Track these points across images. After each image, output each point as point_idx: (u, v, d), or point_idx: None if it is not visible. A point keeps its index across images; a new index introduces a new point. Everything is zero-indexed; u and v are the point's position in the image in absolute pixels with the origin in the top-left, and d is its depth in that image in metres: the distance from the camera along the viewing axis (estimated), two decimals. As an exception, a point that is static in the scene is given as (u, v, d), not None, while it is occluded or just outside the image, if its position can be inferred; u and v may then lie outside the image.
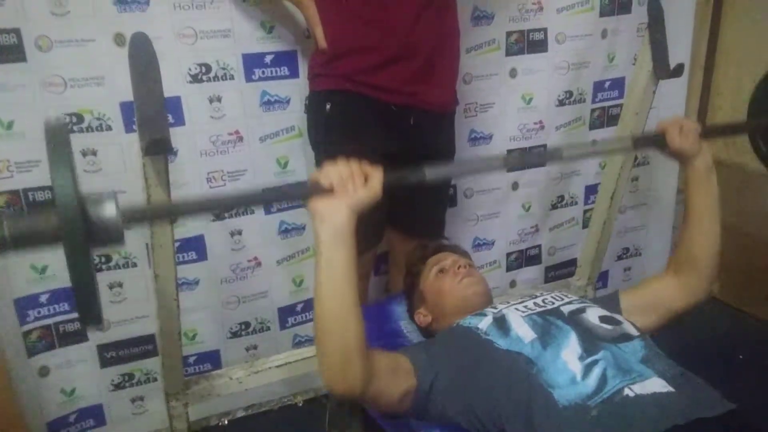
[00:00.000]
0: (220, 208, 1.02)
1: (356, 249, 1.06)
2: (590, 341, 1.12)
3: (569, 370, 1.07)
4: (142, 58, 1.13)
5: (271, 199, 1.04)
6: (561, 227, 2.44)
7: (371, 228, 1.76)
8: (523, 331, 1.17)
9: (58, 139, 0.78)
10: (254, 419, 2.07)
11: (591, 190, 2.41)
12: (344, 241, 1.03)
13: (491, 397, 1.10)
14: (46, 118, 0.81)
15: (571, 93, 2.23)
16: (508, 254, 2.38)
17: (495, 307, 1.29)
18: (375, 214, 1.72)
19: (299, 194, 1.04)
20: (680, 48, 2.23)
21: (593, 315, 1.21)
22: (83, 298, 0.80)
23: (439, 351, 1.21)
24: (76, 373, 1.83)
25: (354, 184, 1.03)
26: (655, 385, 1.03)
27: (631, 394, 1.00)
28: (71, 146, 0.80)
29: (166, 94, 1.15)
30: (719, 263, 1.32)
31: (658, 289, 1.36)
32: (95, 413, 1.90)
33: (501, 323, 1.20)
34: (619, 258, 2.62)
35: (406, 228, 1.84)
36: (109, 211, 0.82)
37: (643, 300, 1.34)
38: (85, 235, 0.78)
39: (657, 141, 1.35)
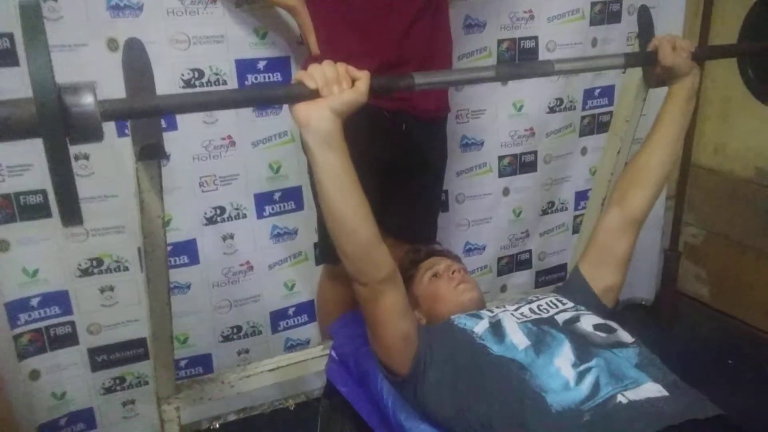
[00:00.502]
0: (203, 107, 0.99)
1: (346, 154, 1.04)
2: (584, 349, 1.13)
3: (562, 376, 1.07)
4: (136, 64, 1.13)
5: (254, 99, 1.00)
6: (551, 232, 2.46)
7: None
8: (517, 338, 1.17)
9: (32, 22, 0.73)
10: (246, 423, 2.07)
11: (581, 196, 2.43)
12: (333, 145, 1.02)
13: (483, 400, 1.10)
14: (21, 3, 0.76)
15: (561, 100, 2.25)
16: (499, 259, 2.39)
17: (491, 311, 1.29)
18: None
19: (283, 96, 1.01)
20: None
21: (587, 323, 1.22)
22: (63, 192, 0.77)
23: (436, 341, 1.22)
24: (67, 377, 1.83)
25: (340, 86, 1.01)
26: (650, 390, 1.04)
27: (624, 401, 1.01)
28: (45, 31, 0.76)
29: (160, 99, 1.16)
30: (662, 189, 1.37)
31: (606, 232, 1.37)
32: (86, 417, 1.90)
33: (496, 329, 1.20)
34: (609, 263, 2.63)
35: (398, 233, 1.85)
36: (87, 101, 0.78)
37: (598, 257, 1.36)
38: (62, 126, 0.74)
39: (649, 57, 1.36)
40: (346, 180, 1.05)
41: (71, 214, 0.79)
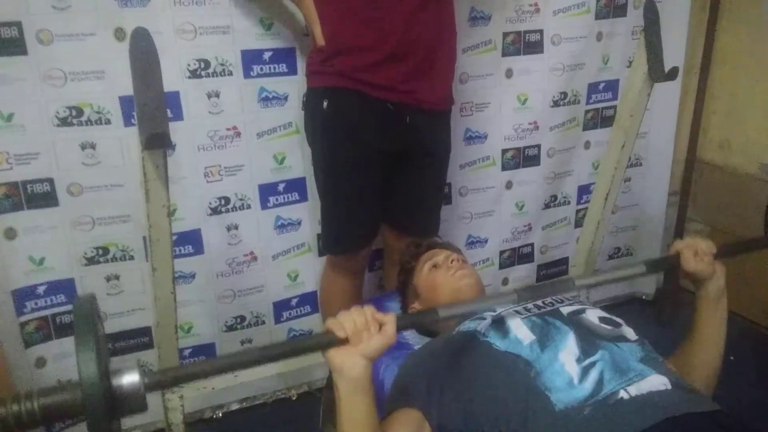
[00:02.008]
0: (237, 367, 1.06)
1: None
2: (589, 341, 1.13)
3: (566, 372, 1.07)
4: (143, 54, 1.14)
5: (287, 354, 1.06)
6: (553, 226, 2.47)
7: (366, 225, 1.78)
8: (522, 333, 1.16)
9: (85, 319, 0.83)
10: (248, 412, 2.08)
11: (584, 190, 2.44)
12: (362, 391, 1.04)
13: (490, 398, 1.10)
14: (76, 299, 0.87)
15: (565, 94, 2.25)
16: (501, 252, 2.40)
17: (494, 309, 1.27)
18: (370, 212, 1.75)
19: (316, 346, 1.06)
20: (675, 51, 2.26)
21: (593, 315, 1.22)
22: None
23: (437, 368, 1.21)
24: (73, 365, 1.82)
25: (369, 332, 1.04)
26: (654, 382, 1.04)
27: (626, 396, 1.01)
28: (98, 323, 0.85)
29: (166, 89, 1.17)
30: (716, 382, 1.31)
31: None
32: (90, 404, 1.91)
33: (500, 324, 1.20)
34: (611, 257, 2.64)
35: (401, 225, 1.86)
36: (132, 385, 0.87)
37: None
38: (107, 410, 0.82)
39: (671, 264, 1.33)
40: (368, 425, 1.06)
41: None
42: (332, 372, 1.05)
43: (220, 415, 2.06)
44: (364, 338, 1.03)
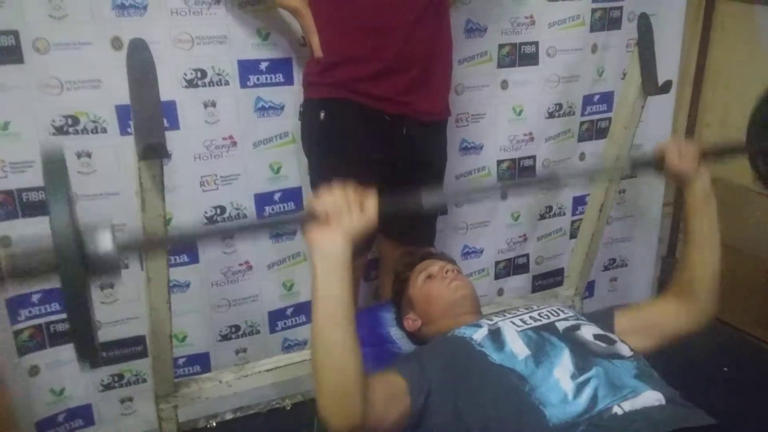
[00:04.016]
0: (215, 237, 1.03)
1: (353, 281, 1.06)
2: (583, 358, 1.13)
3: (561, 388, 1.07)
4: (140, 64, 1.14)
5: (267, 226, 1.05)
6: (549, 237, 2.47)
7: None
8: (517, 346, 1.17)
9: (54, 168, 0.80)
10: (242, 422, 2.07)
11: (579, 201, 2.44)
12: (340, 272, 1.03)
13: (482, 409, 1.10)
14: (43, 145, 0.84)
15: (560, 105, 2.26)
16: (497, 263, 2.40)
17: (491, 319, 1.28)
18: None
19: (295, 222, 1.05)
20: (669, 64, 2.27)
21: (588, 332, 1.22)
22: (80, 330, 0.80)
23: (432, 361, 1.20)
24: (66, 373, 1.84)
25: (350, 212, 1.03)
26: (649, 398, 1.04)
27: (620, 412, 1.01)
28: (68, 175, 0.81)
29: (162, 98, 1.17)
30: (720, 286, 1.32)
31: (657, 313, 1.36)
32: (84, 413, 1.91)
33: (496, 336, 1.20)
34: (606, 268, 2.65)
35: (397, 235, 1.86)
36: (105, 242, 0.84)
37: (639, 322, 1.34)
38: (81, 268, 0.79)
39: (655, 162, 1.35)
40: (343, 310, 1.03)
41: (88, 351, 0.82)
42: (311, 251, 1.03)
43: (214, 424, 2.06)
44: (344, 219, 1.03)
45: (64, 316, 1.77)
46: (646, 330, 1.33)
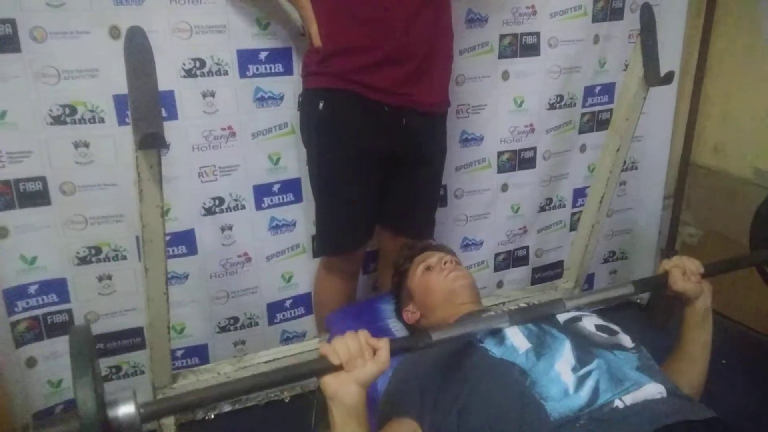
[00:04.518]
0: (235, 394, 1.06)
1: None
2: (585, 350, 1.13)
3: (562, 381, 1.07)
4: (138, 52, 1.13)
5: (283, 380, 1.07)
6: (549, 229, 2.47)
7: (361, 226, 1.77)
8: (518, 340, 1.16)
9: (81, 352, 0.85)
10: (240, 414, 2.07)
11: (579, 194, 2.44)
12: (357, 417, 1.04)
13: (484, 405, 1.10)
14: (72, 330, 0.89)
15: (561, 97, 2.25)
16: (496, 255, 2.40)
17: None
18: (365, 213, 1.75)
19: (310, 371, 1.06)
20: (671, 56, 2.26)
21: (589, 323, 1.22)
22: None
23: (431, 375, 1.20)
24: (64, 365, 1.83)
25: (363, 358, 1.04)
26: (650, 391, 1.04)
27: (621, 406, 1.01)
28: (95, 354, 0.86)
29: (160, 88, 1.16)
30: (701, 393, 1.33)
31: None
32: (82, 405, 1.90)
33: (496, 331, 1.20)
34: (605, 261, 2.64)
35: (396, 227, 1.86)
36: (129, 416, 0.89)
37: None
38: None
39: (659, 283, 1.34)
40: None
41: None
42: (327, 399, 1.05)
43: (212, 416, 2.05)
44: (358, 365, 1.03)
45: (61, 307, 1.78)
46: None
